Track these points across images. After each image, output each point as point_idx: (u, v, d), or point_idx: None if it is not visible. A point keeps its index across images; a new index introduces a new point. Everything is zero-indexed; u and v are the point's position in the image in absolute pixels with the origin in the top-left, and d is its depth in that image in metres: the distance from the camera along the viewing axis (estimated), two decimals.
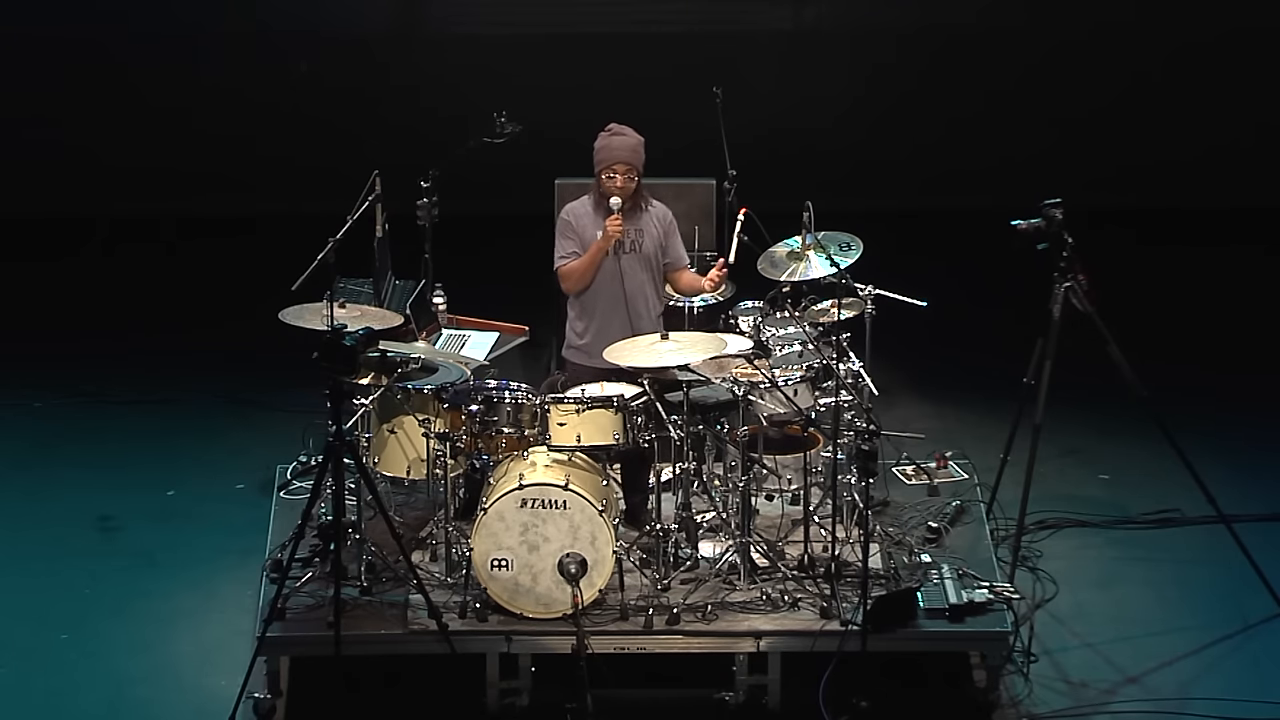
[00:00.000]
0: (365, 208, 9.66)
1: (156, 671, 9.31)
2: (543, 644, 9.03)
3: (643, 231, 9.67)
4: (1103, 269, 9.78)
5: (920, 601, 9.15)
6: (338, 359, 8.63)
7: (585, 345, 9.72)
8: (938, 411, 11.64)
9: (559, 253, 9.70)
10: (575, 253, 9.65)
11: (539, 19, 14.28)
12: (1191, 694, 9.07)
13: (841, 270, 9.50)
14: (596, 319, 9.69)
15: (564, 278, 9.70)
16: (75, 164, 14.29)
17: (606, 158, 9.60)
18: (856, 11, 14.36)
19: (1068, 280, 9.52)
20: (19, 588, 9.97)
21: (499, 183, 12.94)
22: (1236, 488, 10.39)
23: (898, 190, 14.34)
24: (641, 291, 9.70)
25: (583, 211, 9.71)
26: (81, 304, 13.26)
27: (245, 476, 10.86)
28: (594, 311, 9.70)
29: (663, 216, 9.78)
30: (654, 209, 9.76)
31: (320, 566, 9.35)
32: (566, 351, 9.86)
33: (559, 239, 9.71)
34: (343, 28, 14.25)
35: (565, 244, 9.68)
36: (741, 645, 9.05)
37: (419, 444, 9.43)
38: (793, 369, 9.59)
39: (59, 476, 11.04)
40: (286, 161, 14.17)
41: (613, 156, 9.59)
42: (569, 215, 9.73)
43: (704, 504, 9.67)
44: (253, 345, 11.99)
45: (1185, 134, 14.40)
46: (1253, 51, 14.31)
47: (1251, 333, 12.78)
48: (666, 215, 9.81)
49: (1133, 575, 10.05)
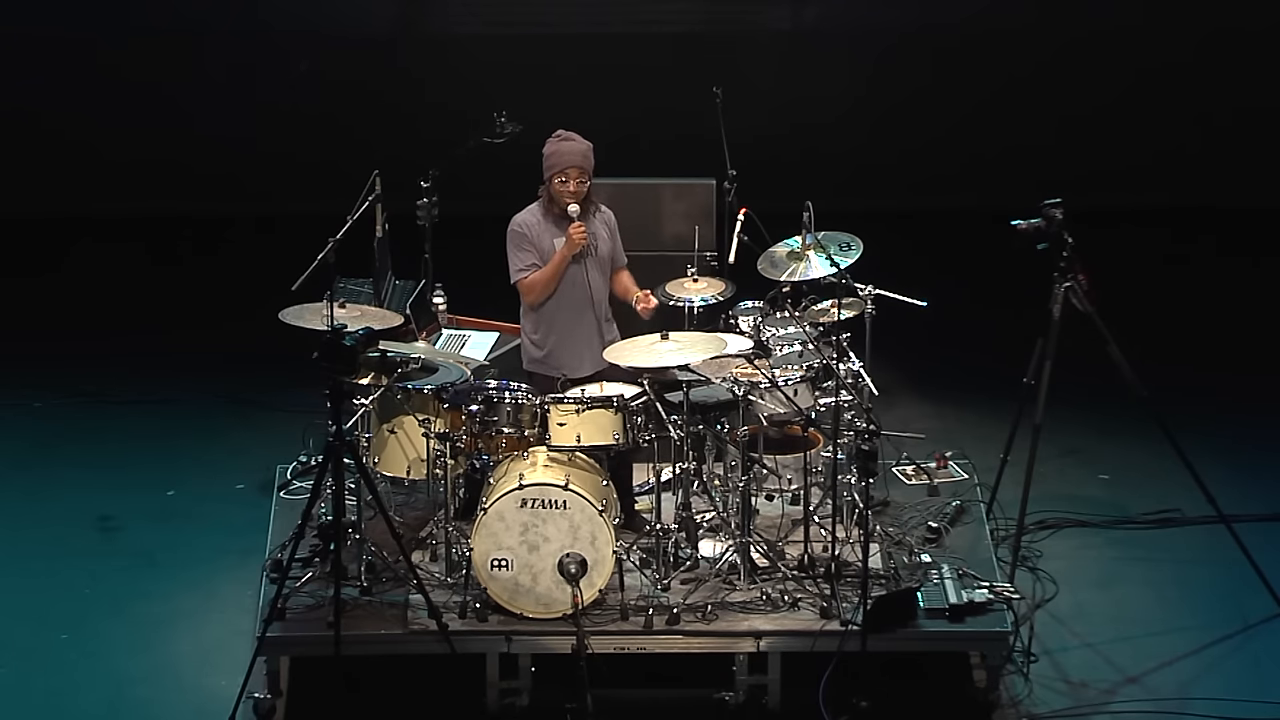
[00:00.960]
0: (365, 208, 9.66)
1: (156, 671, 9.31)
2: (543, 644, 9.03)
3: (596, 235, 9.63)
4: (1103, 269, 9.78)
5: (920, 601, 9.15)
6: (338, 359, 8.63)
7: (547, 357, 9.65)
8: (938, 411, 11.64)
9: (517, 265, 9.56)
10: (535, 264, 9.54)
11: (539, 19, 14.27)
12: (1191, 694, 9.07)
13: (841, 270, 9.50)
14: (557, 327, 9.61)
15: (528, 290, 9.59)
16: (75, 163, 14.29)
17: (558, 163, 9.50)
18: (856, 11, 14.36)
19: (1068, 280, 9.52)
20: (19, 588, 9.97)
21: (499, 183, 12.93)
22: (1236, 488, 10.39)
23: (898, 190, 14.34)
24: (602, 295, 9.67)
25: (534, 221, 9.58)
26: (81, 304, 13.26)
27: (245, 476, 10.86)
28: (554, 320, 9.61)
29: (608, 219, 9.73)
30: (602, 212, 9.71)
31: (320, 566, 9.34)
32: (530, 365, 9.73)
33: (514, 252, 9.56)
34: (343, 27, 14.24)
35: (523, 256, 9.55)
36: (741, 645, 9.05)
37: (419, 444, 9.43)
38: (793, 369, 9.59)
39: (59, 476, 11.04)
40: (286, 161, 14.17)
41: (565, 161, 9.50)
42: (521, 227, 9.56)
43: (704, 504, 9.67)
44: (253, 345, 11.99)
45: (1186, 133, 14.40)
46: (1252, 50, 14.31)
47: (1251, 333, 12.77)
48: (611, 217, 9.76)
49: (1133, 575, 10.05)
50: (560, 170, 9.50)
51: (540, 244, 9.56)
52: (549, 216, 9.58)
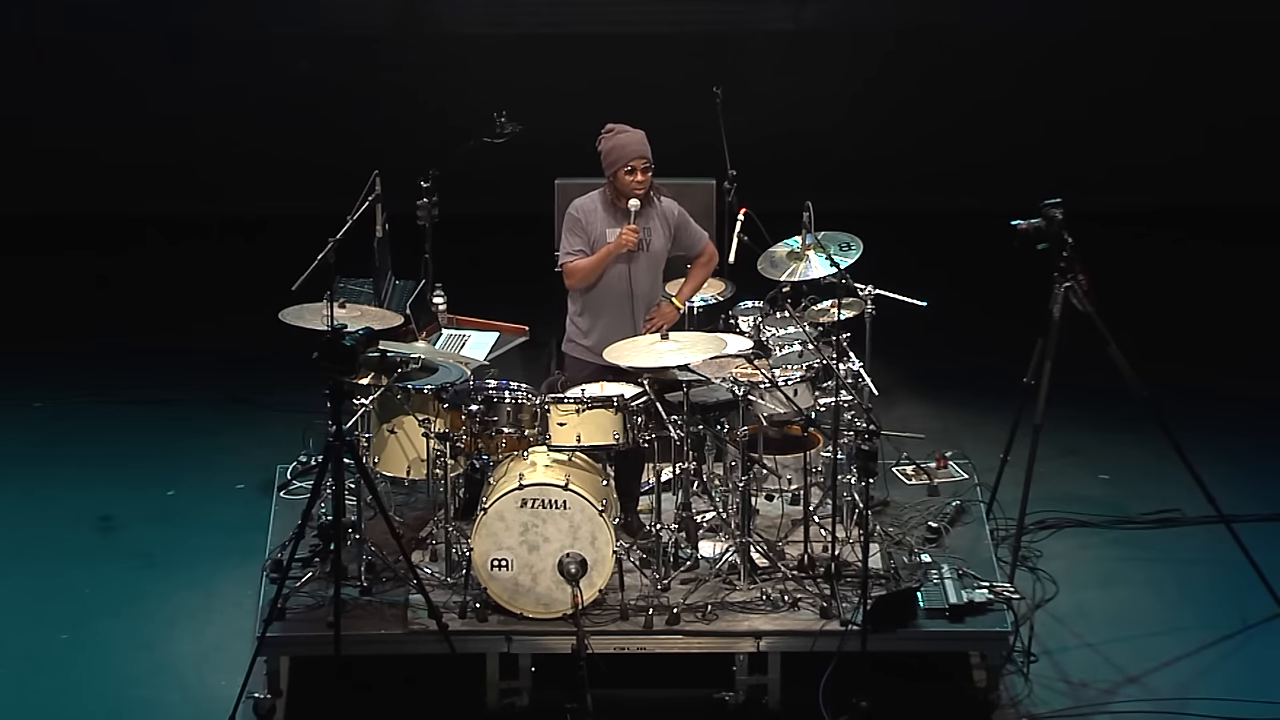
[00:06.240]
0: (365, 208, 9.66)
1: (156, 671, 9.31)
2: (543, 644, 9.03)
3: (651, 230, 9.63)
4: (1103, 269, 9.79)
5: (920, 601, 9.15)
6: (338, 359, 8.63)
7: (589, 344, 9.67)
8: (938, 411, 11.64)
9: (565, 248, 9.62)
10: (582, 250, 9.58)
11: (539, 19, 14.28)
12: (1191, 694, 9.07)
13: (841, 270, 9.50)
14: (603, 318, 9.65)
15: (570, 274, 9.64)
16: (75, 163, 14.29)
17: (622, 155, 9.50)
18: (856, 11, 14.36)
19: (1068, 280, 9.52)
20: (19, 588, 9.97)
21: (499, 183, 12.94)
22: (1236, 488, 10.39)
23: (898, 190, 14.34)
24: (648, 293, 9.66)
25: (592, 209, 9.63)
26: (81, 303, 13.26)
27: (245, 476, 10.85)
28: (599, 311, 9.65)
29: (669, 211, 9.72)
30: (662, 204, 9.70)
31: (320, 566, 9.35)
32: (567, 346, 9.78)
33: (566, 234, 9.63)
34: (343, 27, 14.24)
35: (573, 240, 9.60)
36: (741, 645, 9.05)
37: (419, 444, 9.43)
38: (793, 369, 9.59)
39: (59, 476, 11.04)
40: (286, 161, 14.17)
41: (630, 152, 9.50)
42: (578, 212, 9.62)
43: (704, 504, 9.67)
44: (253, 345, 11.99)
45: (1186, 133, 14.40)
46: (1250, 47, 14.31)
47: (1252, 332, 12.77)
48: (674, 209, 9.73)
49: (1133, 575, 10.05)
50: (625, 162, 9.49)
51: (592, 231, 9.57)
52: (609, 206, 9.60)
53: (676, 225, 9.71)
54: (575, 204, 9.68)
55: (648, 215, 9.60)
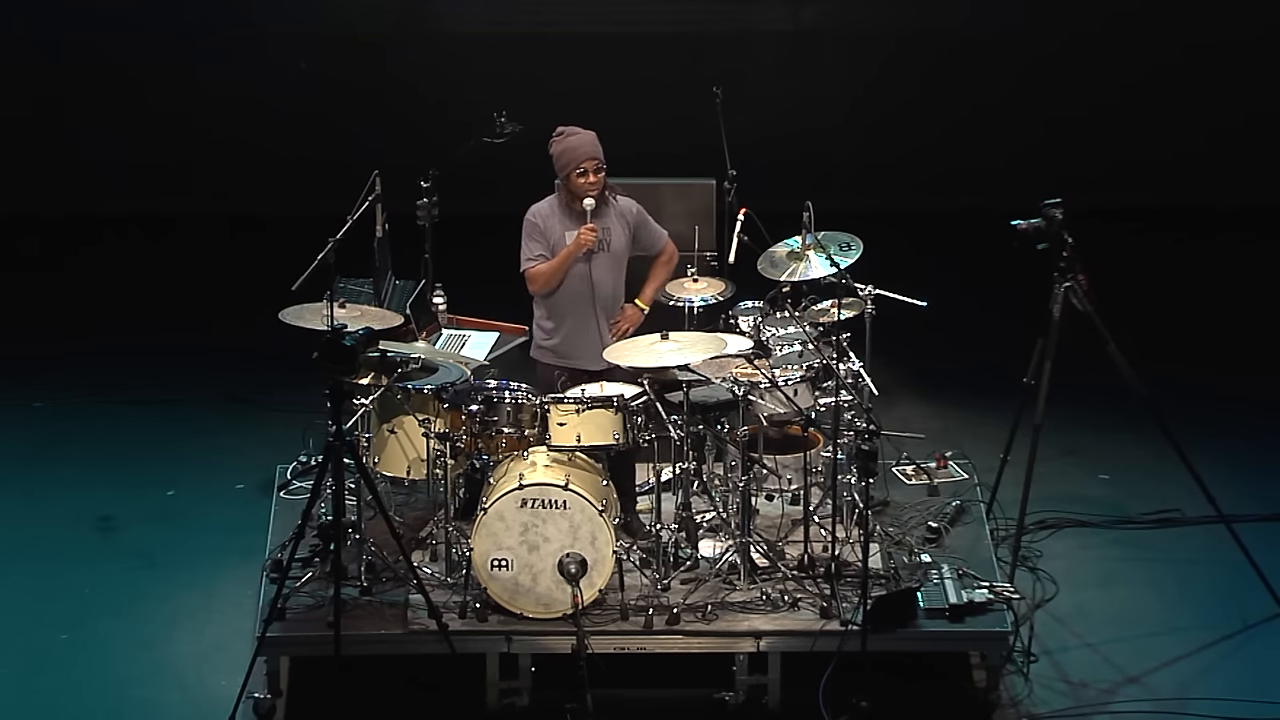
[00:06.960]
0: (365, 208, 9.66)
1: (156, 671, 9.31)
2: (543, 644, 9.03)
3: (610, 229, 9.63)
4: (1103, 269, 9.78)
5: (920, 601, 9.15)
6: (338, 359, 8.63)
7: (555, 346, 9.70)
8: (938, 411, 11.64)
9: (526, 254, 9.63)
10: (543, 255, 9.59)
11: (539, 18, 14.27)
12: (1191, 694, 9.07)
13: (841, 270, 9.50)
14: (567, 321, 9.66)
15: (532, 280, 9.65)
16: (75, 163, 14.29)
17: (574, 158, 9.52)
18: (856, 12, 14.36)
19: (1068, 280, 9.52)
20: (19, 588, 9.97)
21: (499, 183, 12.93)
22: (1236, 488, 10.38)
23: (898, 190, 14.33)
24: (610, 293, 9.67)
25: (549, 213, 9.64)
26: (81, 303, 13.25)
27: (245, 476, 10.85)
28: (563, 313, 9.66)
29: (627, 210, 9.73)
30: (619, 203, 9.72)
31: (320, 566, 9.35)
32: (536, 351, 9.80)
33: (526, 241, 9.64)
34: (343, 27, 14.24)
35: (533, 246, 9.61)
36: (741, 645, 9.05)
37: (419, 444, 9.43)
38: (793, 369, 9.59)
39: (59, 476, 11.04)
40: (286, 161, 14.16)
41: (581, 154, 9.51)
42: (536, 218, 9.64)
43: (704, 504, 9.67)
44: (253, 345, 11.99)
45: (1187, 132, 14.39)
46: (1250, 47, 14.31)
47: (1252, 332, 12.77)
48: (632, 208, 9.75)
49: (1133, 575, 10.05)
50: (577, 164, 9.51)
51: (550, 235, 9.60)
52: (564, 209, 9.61)
53: (635, 224, 9.72)
54: (532, 210, 9.69)
55: (604, 215, 9.62)
